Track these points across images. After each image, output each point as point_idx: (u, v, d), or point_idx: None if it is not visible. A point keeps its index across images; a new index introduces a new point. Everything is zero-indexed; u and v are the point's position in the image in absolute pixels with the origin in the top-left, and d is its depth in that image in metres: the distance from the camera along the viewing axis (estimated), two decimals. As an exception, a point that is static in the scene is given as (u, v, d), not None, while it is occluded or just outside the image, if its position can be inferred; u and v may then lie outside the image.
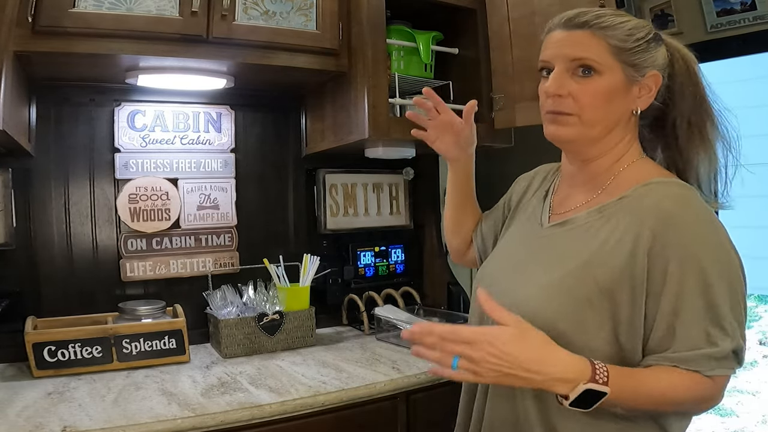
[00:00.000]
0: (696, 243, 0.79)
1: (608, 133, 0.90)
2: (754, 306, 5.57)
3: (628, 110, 0.90)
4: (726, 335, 0.78)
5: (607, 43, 0.85)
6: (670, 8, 2.17)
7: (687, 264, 0.78)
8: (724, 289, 0.78)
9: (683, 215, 0.81)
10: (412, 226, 2.18)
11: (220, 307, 1.68)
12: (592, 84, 0.86)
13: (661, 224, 0.80)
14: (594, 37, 0.86)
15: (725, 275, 0.79)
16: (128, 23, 1.31)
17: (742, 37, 2.02)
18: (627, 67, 0.86)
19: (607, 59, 0.85)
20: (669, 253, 0.79)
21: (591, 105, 0.87)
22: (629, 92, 0.88)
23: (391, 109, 1.62)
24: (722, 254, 0.81)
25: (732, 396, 3.89)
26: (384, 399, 1.40)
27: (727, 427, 3.54)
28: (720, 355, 0.77)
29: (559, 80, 0.87)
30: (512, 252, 1.02)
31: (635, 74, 0.87)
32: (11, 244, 1.53)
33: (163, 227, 1.73)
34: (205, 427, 1.17)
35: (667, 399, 0.78)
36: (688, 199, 0.84)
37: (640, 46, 0.87)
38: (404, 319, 1.76)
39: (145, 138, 1.72)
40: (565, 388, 0.75)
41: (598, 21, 0.86)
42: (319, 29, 1.56)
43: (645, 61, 0.87)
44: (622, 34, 0.86)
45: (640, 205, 0.84)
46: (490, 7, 1.72)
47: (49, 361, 1.40)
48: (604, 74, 0.86)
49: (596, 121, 0.88)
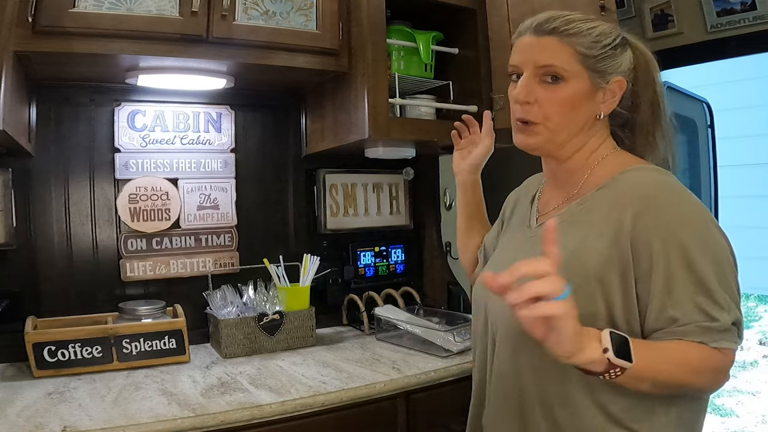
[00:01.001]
0: (677, 222, 0.81)
1: (574, 137, 0.93)
2: (754, 306, 5.58)
3: (593, 115, 0.92)
4: (721, 308, 0.79)
5: (575, 50, 0.87)
6: (670, 8, 2.17)
7: (670, 243, 0.79)
8: (708, 265, 0.79)
9: (662, 196, 0.83)
10: (412, 226, 2.18)
11: (220, 307, 1.68)
12: (558, 91, 0.89)
13: (640, 207, 0.82)
14: (561, 44, 0.88)
15: (709, 252, 0.80)
16: (128, 23, 1.31)
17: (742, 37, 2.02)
18: (593, 73, 0.89)
19: (573, 66, 0.88)
20: (651, 234, 0.80)
21: (556, 112, 0.90)
22: (594, 98, 0.91)
23: (391, 109, 1.62)
24: (704, 232, 0.82)
25: (732, 396, 3.90)
26: (384, 399, 1.40)
27: (727, 427, 3.54)
28: (721, 328, 0.79)
29: (527, 87, 0.90)
30: (504, 256, 1.06)
31: (600, 80, 0.90)
32: (11, 244, 1.52)
33: (163, 227, 1.73)
34: (205, 427, 1.17)
35: (686, 366, 0.79)
36: (667, 182, 0.87)
37: (606, 53, 0.89)
38: (404, 319, 1.76)
39: (145, 138, 1.72)
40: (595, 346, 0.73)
41: (566, 28, 0.88)
42: (319, 29, 1.56)
43: (610, 68, 0.90)
44: (589, 41, 0.88)
45: (619, 191, 0.86)
46: (490, 7, 1.72)
47: (49, 361, 1.40)
48: (570, 81, 0.88)
49: (562, 128, 0.91)
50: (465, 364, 1.50)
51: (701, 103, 2.96)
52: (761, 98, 5.14)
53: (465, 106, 1.76)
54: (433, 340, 1.63)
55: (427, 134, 1.71)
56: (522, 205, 1.11)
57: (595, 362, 0.73)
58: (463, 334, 1.63)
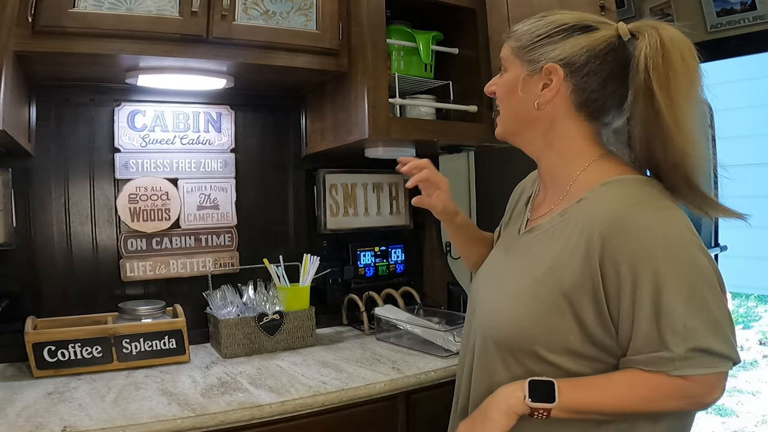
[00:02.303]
0: (645, 246, 0.77)
1: (525, 128, 0.95)
2: (754, 306, 5.58)
3: (531, 103, 0.91)
4: (680, 337, 0.75)
5: (510, 46, 0.96)
6: (670, 8, 2.17)
7: (638, 267, 0.77)
8: (678, 289, 0.75)
9: (632, 216, 0.79)
10: (412, 226, 2.18)
11: (220, 307, 1.68)
12: (500, 79, 0.98)
13: (608, 227, 0.79)
14: (506, 46, 0.97)
15: (681, 276, 0.76)
16: (128, 23, 1.31)
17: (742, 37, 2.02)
18: (525, 62, 0.92)
19: (509, 57, 0.96)
20: (618, 257, 0.78)
21: (500, 96, 0.98)
22: (528, 86, 0.92)
23: (391, 109, 1.62)
24: (676, 255, 0.77)
25: (732, 396, 3.90)
26: (384, 399, 1.40)
27: (727, 427, 3.54)
28: (677, 357, 0.76)
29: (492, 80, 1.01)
30: (494, 261, 1.06)
31: (532, 68, 0.91)
32: (11, 244, 1.52)
33: (163, 227, 1.73)
34: (205, 427, 1.17)
35: (633, 396, 0.79)
36: (641, 198, 0.81)
37: (537, 42, 0.91)
38: (404, 319, 1.76)
39: (145, 138, 1.72)
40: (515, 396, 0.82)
41: (513, 31, 0.96)
42: (319, 29, 1.56)
43: (541, 55, 0.90)
44: (521, 34, 0.94)
45: (594, 207, 0.84)
46: (490, 7, 1.72)
47: (49, 361, 1.40)
48: (509, 70, 0.96)
49: (506, 114, 0.97)
50: (465, 364, 1.50)
51: (701, 102, 2.96)
52: (761, 98, 5.13)
53: (465, 106, 1.76)
54: (433, 340, 1.64)
55: (427, 134, 1.71)
56: (521, 203, 1.10)
57: (521, 411, 0.82)
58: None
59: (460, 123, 1.77)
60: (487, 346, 0.92)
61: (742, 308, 5.57)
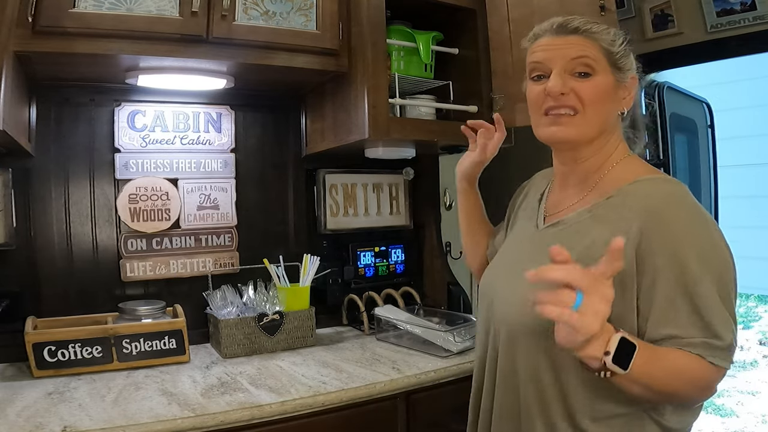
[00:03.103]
0: (682, 239, 0.81)
1: (601, 134, 0.94)
2: (754, 306, 5.58)
3: (616, 112, 0.95)
4: (720, 329, 0.79)
5: (600, 46, 0.91)
6: (670, 8, 2.17)
7: (674, 260, 0.80)
8: (711, 284, 0.79)
9: (670, 212, 0.83)
10: (412, 226, 2.18)
11: (220, 307, 1.68)
12: (591, 82, 0.91)
13: (648, 221, 0.82)
14: (588, 40, 0.91)
15: (713, 270, 0.80)
16: (128, 23, 1.31)
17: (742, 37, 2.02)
18: (615, 69, 0.93)
19: (601, 60, 0.91)
20: (657, 249, 0.81)
21: (593, 101, 0.91)
22: (617, 94, 0.94)
23: (391, 109, 1.62)
24: (710, 251, 0.82)
25: (732, 396, 3.90)
26: (384, 399, 1.40)
27: (727, 427, 3.54)
28: (723, 346, 0.79)
29: (562, 79, 0.91)
30: (509, 256, 1.06)
31: (621, 76, 0.93)
32: (11, 244, 1.52)
33: (163, 227, 1.73)
34: (205, 427, 1.17)
35: (682, 375, 0.79)
36: (676, 195, 0.86)
37: (624, 51, 0.93)
38: (404, 319, 1.76)
39: (145, 138, 1.72)
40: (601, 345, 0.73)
41: (587, 27, 0.92)
42: (319, 29, 1.56)
43: (627, 65, 0.94)
44: (609, 38, 0.92)
45: (628, 204, 0.86)
46: (490, 7, 1.72)
47: (49, 361, 1.40)
48: (599, 75, 0.91)
49: (595, 120, 0.92)
50: (465, 364, 1.50)
51: (701, 103, 2.97)
52: (761, 98, 5.14)
53: (465, 107, 1.76)
54: (433, 340, 1.63)
55: (427, 134, 1.71)
56: (530, 201, 1.11)
57: (593, 359, 0.74)
58: (463, 334, 1.63)
59: (460, 123, 1.76)
60: (514, 338, 0.93)
61: (742, 308, 5.57)
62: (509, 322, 0.95)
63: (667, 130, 2.52)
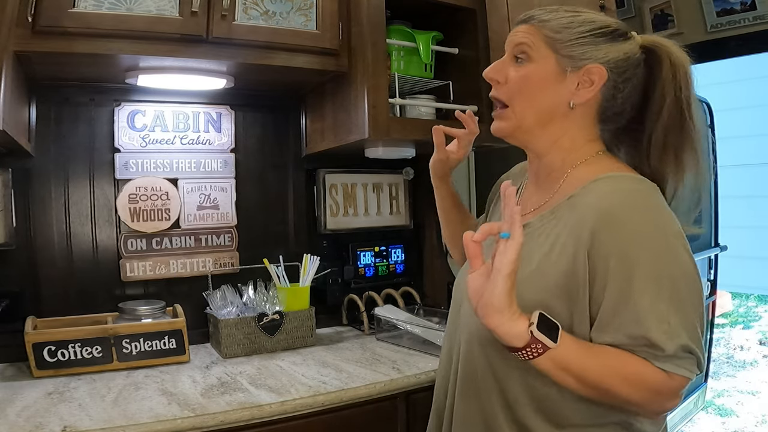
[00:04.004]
0: (635, 241, 0.77)
1: (544, 126, 0.90)
2: (754, 306, 5.58)
3: (563, 102, 0.89)
4: (668, 336, 0.75)
5: (543, 34, 0.89)
6: (669, 8, 2.17)
7: (625, 263, 0.76)
8: (663, 289, 0.76)
9: (624, 212, 0.79)
10: (412, 226, 2.18)
11: (220, 307, 1.68)
12: (523, 69, 0.90)
13: (599, 222, 0.79)
14: (532, 28, 0.90)
15: (666, 274, 0.76)
16: (128, 23, 1.31)
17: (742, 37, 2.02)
18: (561, 57, 0.88)
19: (540, 47, 0.89)
20: (608, 252, 0.77)
21: (519, 89, 0.90)
22: (562, 83, 0.88)
23: (391, 109, 1.62)
24: (664, 253, 0.77)
25: (732, 396, 3.90)
26: (384, 399, 1.40)
27: (727, 427, 3.55)
28: (668, 351, 0.75)
29: (498, 66, 0.92)
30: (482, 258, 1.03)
31: (570, 63, 0.88)
32: (11, 244, 1.52)
33: (163, 227, 1.73)
34: (205, 427, 1.17)
35: (617, 371, 0.76)
36: (634, 194, 0.81)
37: (579, 39, 0.88)
38: (404, 319, 1.76)
39: (145, 138, 1.72)
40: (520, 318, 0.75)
41: (539, 15, 0.90)
42: (319, 29, 1.56)
43: (585, 54, 0.87)
44: (560, 25, 0.88)
45: (583, 203, 0.83)
46: (490, 7, 1.72)
47: (49, 361, 1.40)
48: (536, 62, 0.89)
49: (525, 109, 0.90)
50: (465, 364, 1.50)
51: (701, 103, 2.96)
52: (761, 98, 5.14)
53: (465, 106, 1.75)
54: (433, 340, 1.63)
55: (427, 134, 1.68)
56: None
57: (518, 336, 0.74)
58: (463, 334, 1.63)
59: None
60: (472, 346, 0.91)
61: (742, 308, 5.57)
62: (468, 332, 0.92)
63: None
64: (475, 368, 0.90)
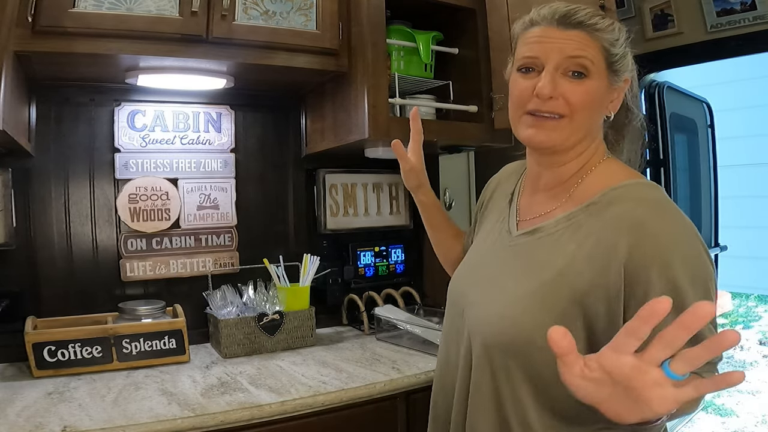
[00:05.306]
0: (670, 250, 0.76)
1: (584, 139, 0.89)
2: (754, 306, 5.58)
3: (603, 116, 0.89)
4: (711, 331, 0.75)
5: (601, 46, 0.84)
6: (670, 8, 2.17)
7: (665, 273, 0.75)
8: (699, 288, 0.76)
9: (656, 222, 0.79)
10: (412, 226, 2.18)
11: (220, 307, 1.68)
12: (584, 86, 0.83)
13: (636, 235, 0.77)
14: (589, 39, 0.83)
15: (699, 280, 0.77)
16: (128, 23, 1.31)
17: (742, 37, 2.02)
18: (611, 73, 0.86)
19: (599, 63, 0.84)
20: (648, 264, 0.76)
21: (583, 107, 0.84)
22: (608, 98, 0.88)
23: (391, 109, 1.62)
24: (697, 260, 0.78)
25: (732, 396, 3.90)
26: (384, 399, 1.40)
27: (727, 427, 3.55)
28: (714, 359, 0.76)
29: (554, 81, 0.83)
30: (481, 261, 1.00)
31: (615, 80, 0.87)
32: (11, 244, 1.52)
33: (163, 227, 1.73)
34: (205, 427, 1.17)
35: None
36: (659, 203, 0.81)
37: (624, 52, 0.87)
38: (404, 319, 1.76)
39: (145, 138, 1.72)
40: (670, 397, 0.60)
41: (592, 22, 0.84)
42: (319, 29, 1.56)
43: (623, 67, 0.87)
44: (613, 38, 0.85)
45: (611, 213, 0.81)
46: (490, 7, 1.72)
47: (49, 361, 1.40)
48: (594, 79, 0.84)
49: (582, 126, 0.86)
50: (465, 364, 1.50)
51: (701, 103, 2.97)
52: (761, 98, 5.14)
53: (465, 106, 1.76)
54: (433, 340, 1.63)
55: (427, 134, 1.68)
56: (498, 200, 1.05)
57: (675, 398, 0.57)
58: (463, 334, 1.63)
59: (460, 123, 1.77)
60: (490, 353, 0.87)
61: (742, 308, 5.57)
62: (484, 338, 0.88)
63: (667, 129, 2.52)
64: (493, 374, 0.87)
